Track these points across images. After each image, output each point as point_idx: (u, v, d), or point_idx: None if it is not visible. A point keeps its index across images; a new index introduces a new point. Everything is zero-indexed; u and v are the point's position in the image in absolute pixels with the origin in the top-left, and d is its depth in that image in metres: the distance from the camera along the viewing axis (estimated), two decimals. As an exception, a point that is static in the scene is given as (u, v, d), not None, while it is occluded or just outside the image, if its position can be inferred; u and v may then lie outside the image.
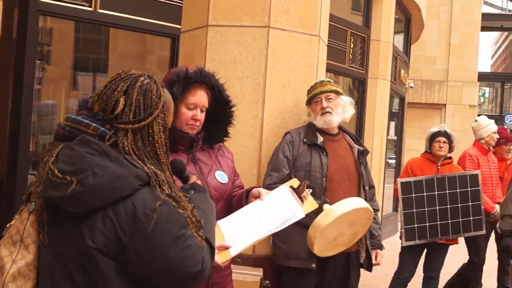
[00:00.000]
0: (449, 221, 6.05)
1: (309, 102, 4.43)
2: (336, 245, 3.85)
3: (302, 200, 3.05)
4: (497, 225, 5.49)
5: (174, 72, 3.00)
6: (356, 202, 3.65)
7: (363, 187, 4.42)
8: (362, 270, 4.57)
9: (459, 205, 6.07)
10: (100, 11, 6.77)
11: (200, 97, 3.01)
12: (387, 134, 11.91)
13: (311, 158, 4.27)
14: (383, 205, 11.46)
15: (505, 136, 7.73)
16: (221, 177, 3.09)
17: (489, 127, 7.37)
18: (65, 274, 1.97)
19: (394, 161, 14.87)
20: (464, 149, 7.42)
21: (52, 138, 2.14)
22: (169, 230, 1.94)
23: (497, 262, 7.49)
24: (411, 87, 17.50)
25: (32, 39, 6.00)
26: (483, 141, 7.33)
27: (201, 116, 3.02)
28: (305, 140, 4.31)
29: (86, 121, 2.04)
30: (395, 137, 14.88)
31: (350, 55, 10.20)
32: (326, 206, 3.61)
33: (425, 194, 6.00)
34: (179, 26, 5.15)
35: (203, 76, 3.02)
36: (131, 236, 1.92)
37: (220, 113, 3.15)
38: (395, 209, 13.24)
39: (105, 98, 2.07)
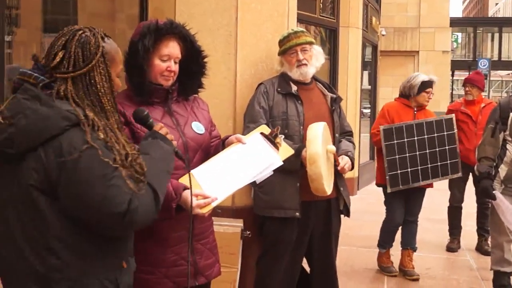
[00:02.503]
0: (429, 165, 6.17)
1: (283, 53, 4.40)
2: (331, 172, 4.00)
3: (276, 147, 3.07)
4: (475, 167, 5.57)
5: (144, 25, 2.99)
6: (316, 128, 3.85)
7: (333, 134, 4.44)
8: (343, 218, 4.62)
9: (437, 149, 6.18)
10: (67, -30, 6.64)
11: (173, 48, 3.01)
12: (361, 84, 11.93)
13: (287, 106, 4.27)
14: (360, 154, 11.54)
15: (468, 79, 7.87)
16: (198, 127, 3.10)
17: None
18: (12, 211, 2.12)
19: (368, 110, 14.91)
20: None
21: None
22: (92, 168, 2.05)
23: (476, 205, 7.63)
24: (383, 35, 17.49)
25: (0, 2, 5.88)
26: None
27: (175, 67, 3.02)
28: (279, 89, 4.31)
29: (29, 72, 2.21)
30: (369, 87, 14.91)
31: (321, 4, 10.13)
32: (303, 153, 3.72)
33: (405, 140, 6.09)
34: (147, -19, 5.09)
35: (173, 27, 3.02)
36: (58, 174, 2.05)
37: (192, 64, 3.14)
38: (372, 157, 13.35)
39: (48, 53, 2.24)
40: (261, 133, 3.13)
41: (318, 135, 3.82)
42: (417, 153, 6.11)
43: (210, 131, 3.21)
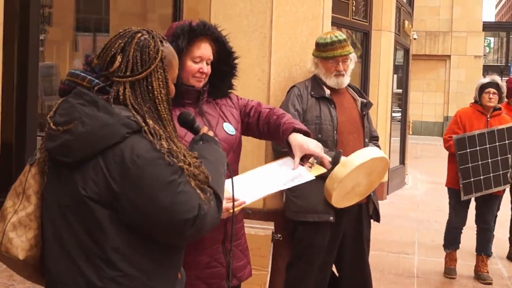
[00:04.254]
0: (500, 172, 6.21)
1: (322, 58, 4.34)
2: (353, 195, 3.87)
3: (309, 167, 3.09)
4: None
5: (177, 26, 2.98)
6: (373, 152, 3.65)
7: (363, 139, 4.42)
8: (372, 223, 4.59)
9: (510, 156, 6.19)
10: (101, -30, 6.70)
11: (205, 50, 3.00)
12: (392, 88, 11.85)
13: (320, 111, 4.25)
14: (390, 159, 11.45)
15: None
16: (229, 128, 3.10)
17: None
18: (65, 222, 2.02)
19: (399, 114, 14.79)
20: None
21: (56, 99, 2.18)
22: (159, 175, 1.95)
23: (509, 213, 7.54)
24: (414, 38, 17.37)
25: (35, 1, 5.94)
26: None
27: (207, 68, 3.02)
28: (312, 93, 4.29)
29: (82, 74, 2.09)
30: (400, 90, 14.80)
31: (353, 7, 10.08)
32: (343, 157, 3.63)
33: (478, 148, 6.17)
34: (182, -18, 5.10)
35: (206, 29, 3.01)
36: (121, 183, 1.95)
37: (223, 65, 3.14)
38: (402, 162, 13.26)
39: (104, 56, 2.11)
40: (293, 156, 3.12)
41: (371, 156, 3.69)
42: (489, 160, 6.18)
43: (240, 130, 3.21)
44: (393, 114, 13.95)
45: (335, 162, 3.93)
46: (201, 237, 2.88)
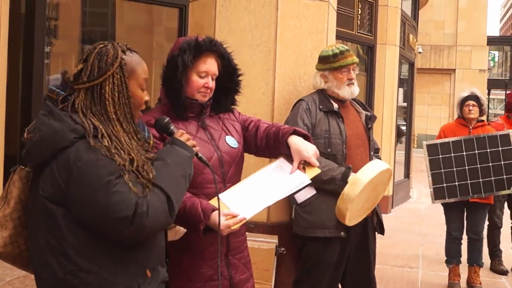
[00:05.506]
0: (480, 180, 6.14)
1: (333, 69, 4.30)
2: (363, 211, 3.88)
3: (303, 169, 3.07)
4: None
5: (184, 41, 3.00)
6: (378, 165, 3.67)
7: (369, 152, 4.42)
8: (376, 236, 4.57)
9: (490, 164, 6.13)
10: (106, -17, 6.73)
11: (211, 65, 3.02)
12: (397, 101, 11.86)
13: (329, 125, 4.22)
14: (395, 172, 11.44)
15: None
16: (231, 142, 3.11)
17: None
18: (37, 220, 2.23)
19: (404, 128, 14.79)
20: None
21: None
22: (95, 176, 2.12)
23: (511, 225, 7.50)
24: (419, 52, 17.39)
25: (40, 13, 5.97)
26: None
27: (212, 84, 3.04)
28: (321, 107, 4.27)
29: (53, 88, 2.30)
30: (405, 104, 14.80)
31: (358, 21, 10.12)
32: (351, 176, 3.63)
33: (452, 155, 6.14)
34: (187, -4, 5.13)
35: (212, 45, 3.04)
36: (67, 184, 2.14)
37: (227, 81, 3.16)
38: (407, 175, 13.25)
39: (74, 67, 2.33)
40: (286, 156, 3.12)
41: (378, 170, 3.70)
42: (466, 167, 6.11)
43: (242, 143, 3.21)
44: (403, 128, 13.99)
45: (344, 178, 3.94)
46: (202, 248, 2.92)
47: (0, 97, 5.83)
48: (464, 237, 6.62)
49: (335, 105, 4.29)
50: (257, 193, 2.93)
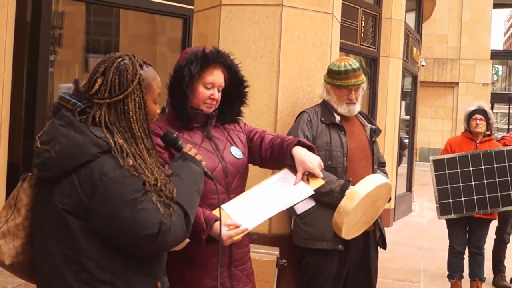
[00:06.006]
0: (487, 195, 6.13)
1: (335, 86, 4.29)
2: (361, 224, 3.86)
3: (307, 180, 3.07)
4: None
5: (191, 52, 3.00)
6: (376, 179, 3.64)
7: (372, 165, 4.40)
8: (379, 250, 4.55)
9: (497, 179, 6.11)
10: (111, -8, 6.75)
11: (217, 77, 3.02)
12: (400, 114, 11.86)
13: (330, 137, 4.21)
14: (397, 185, 11.43)
15: None
16: (236, 152, 3.11)
17: None
18: (49, 230, 2.22)
19: (407, 141, 14.78)
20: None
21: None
22: (122, 193, 2.13)
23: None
24: (422, 65, 17.40)
25: (46, 22, 5.99)
26: None
27: (218, 95, 3.04)
28: (322, 119, 4.26)
29: (68, 97, 2.29)
30: (408, 117, 14.80)
31: (362, 34, 10.14)
32: (348, 189, 3.61)
33: (459, 170, 6.13)
34: (191, 7, 5.13)
35: (219, 56, 3.04)
36: (90, 198, 2.13)
37: (233, 93, 3.16)
38: (409, 188, 13.22)
39: (89, 80, 2.31)
40: (290, 167, 3.12)
41: (375, 184, 3.69)
42: (473, 183, 6.10)
43: (247, 154, 3.21)
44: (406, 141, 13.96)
45: (342, 191, 3.93)
46: (204, 259, 2.92)
47: (4, 104, 5.84)
48: (466, 251, 6.60)
49: (337, 118, 4.28)
50: (260, 203, 2.93)
